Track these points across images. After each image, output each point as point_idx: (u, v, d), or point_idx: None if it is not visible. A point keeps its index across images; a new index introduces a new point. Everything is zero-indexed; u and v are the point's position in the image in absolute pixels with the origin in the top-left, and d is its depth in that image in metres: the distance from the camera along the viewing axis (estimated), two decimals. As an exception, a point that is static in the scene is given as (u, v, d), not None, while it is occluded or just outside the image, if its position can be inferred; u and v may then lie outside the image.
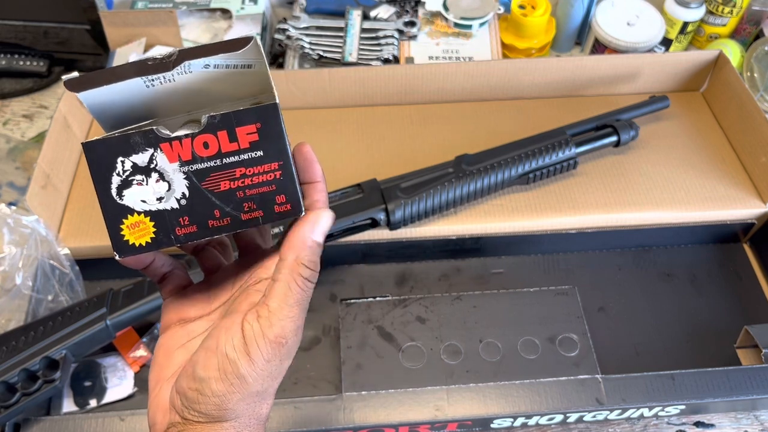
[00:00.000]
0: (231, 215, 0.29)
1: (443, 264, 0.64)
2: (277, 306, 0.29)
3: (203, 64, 0.28)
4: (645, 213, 0.62)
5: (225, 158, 0.28)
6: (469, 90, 0.72)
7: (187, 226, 0.29)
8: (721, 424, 0.56)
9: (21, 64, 0.81)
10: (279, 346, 0.28)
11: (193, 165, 0.28)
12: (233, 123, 0.28)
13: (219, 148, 0.28)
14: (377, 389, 0.51)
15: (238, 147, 0.28)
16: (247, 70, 0.29)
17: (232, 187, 0.29)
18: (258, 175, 0.29)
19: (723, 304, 0.62)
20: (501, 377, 0.52)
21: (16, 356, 0.50)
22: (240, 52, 0.28)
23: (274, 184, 0.29)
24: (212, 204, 0.29)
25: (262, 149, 0.29)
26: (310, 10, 0.82)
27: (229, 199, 0.29)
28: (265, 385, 0.29)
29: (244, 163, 0.28)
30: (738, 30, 0.83)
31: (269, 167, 0.29)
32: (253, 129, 0.28)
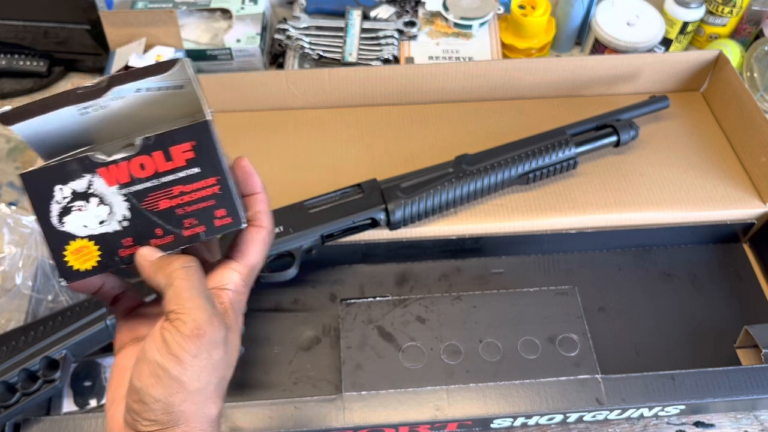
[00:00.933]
0: (173, 232, 0.30)
1: (443, 264, 0.64)
2: (179, 304, 0.29)
3: (134, 89, 0.29)
4: (645, 213, 0.63)
5: (162, 177, 0.29)
6: (469, 90, 0.72)
7: (131, 247, 0.30)
8: (720, 424, 0.56)
9: (21, 64, 0.81)
10: (198, 338, 0.29)
11: (132, 187, 0.29)
12: (168, 143, 0.29)
13: (156, 169, 0.29)
14: (377, 389, 0.51)
15: (175, 166, 0.29)
16: (180, 91, 0.30)
17: (172, 205, 0.30)
18: (196, 191, 0.30)
19: (723, 304, 0.62)
20: (501, 377, 0.52)
21: (16, 356, 0.50)
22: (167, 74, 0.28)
23: (213, 199, 0.30)
24: (154, 223, 0.30)
25: (198, 166, 0.29)
26: (310, 10, 0.82)
27: (169, 217, 0.30)
28: (204, 381, 0.29)
29: (181, 180, 0.29)
30: (738, 30, 0.83)
31: (207, 183, 0.30)
32: (188, 147, 0.29)
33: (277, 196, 0.62)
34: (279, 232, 0.56)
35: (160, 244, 0.30)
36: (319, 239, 0.57)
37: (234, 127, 0.71)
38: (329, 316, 0.60)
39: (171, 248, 0.30)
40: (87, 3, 0.74)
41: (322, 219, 0.57)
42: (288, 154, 0.68)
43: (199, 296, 0.29)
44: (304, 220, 0.57)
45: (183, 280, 0.29)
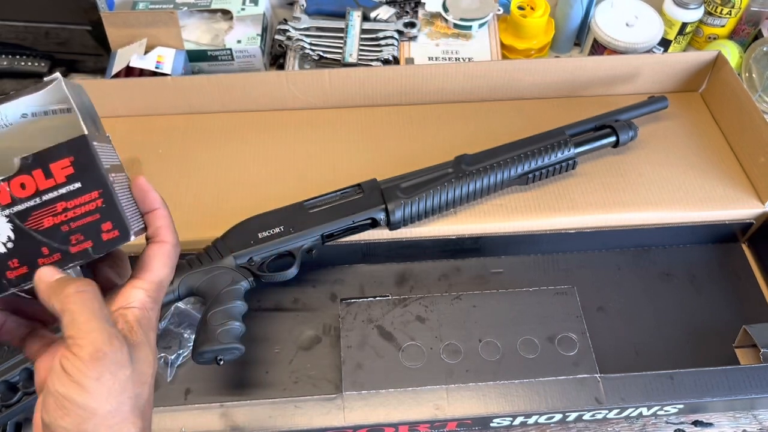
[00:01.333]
0: (60, 250, 0.30)
1: (443, 264, 0.64)
2: (75, 329, 0.28)
3: (20, 114, 0.29)
4: (644, 213, 0.63)
5: (44, 195, 0.29)
6: (468, 90, 0.73)
7: (17, 269, 0.30)
8: (719, 423, 0.56)
9: (22, 65, 0.82)
10: (97, 360, 0.28)
11: (14, 207, 0.29)
12: (46, 160, 0.28)
13: (36, 187, 0.29)
14: (377, 388, 0.52)
15: (55, 182, 0.29)
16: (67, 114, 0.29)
17: (56, 222, 0.29)
18: (80, 206, 0.29)
19: (722, 304, 0.62)
20: (500, 377, 0.52)
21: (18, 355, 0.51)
22: (43, 93, 0.28)
23: (98, 213, 0.30)
24: (39, 242, 0.29)
25: (79, 181, 0.29)
26: (311, 11, 0.83)
27: (54, 234, 0.29)
28: (114, 403, 0.28)
29: (63, 197, 0.29)
30: (736, 31, 0.84)
31: (90, 197, 0.29)
32: (67, 163, 0.29)
33: (278, 196, 0.62)
34: (279, 232, 0.56)
35: (48, 262, 0.30)
36: (319, 239, 0.57)
37: (234, 127, 0.71)
38: (329, 315, 0.61)
39: (61, 266, 0.30)
40: (88, 4, 0.75)
41: (322, 219, 0.57)
42: (288, 154, 0.68)
43: (95, 319, 0.28)
44: (304, 220, 0.57)
45: (77, 304, 0.28)
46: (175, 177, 0.66)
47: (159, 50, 0.76)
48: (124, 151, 0.68)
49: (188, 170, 0.67)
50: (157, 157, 0.68)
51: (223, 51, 0.80)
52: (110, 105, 0.71)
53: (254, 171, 0.67)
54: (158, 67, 0.74)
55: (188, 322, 0.59)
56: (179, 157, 0.68)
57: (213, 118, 0.72)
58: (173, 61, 0.76)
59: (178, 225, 0.61)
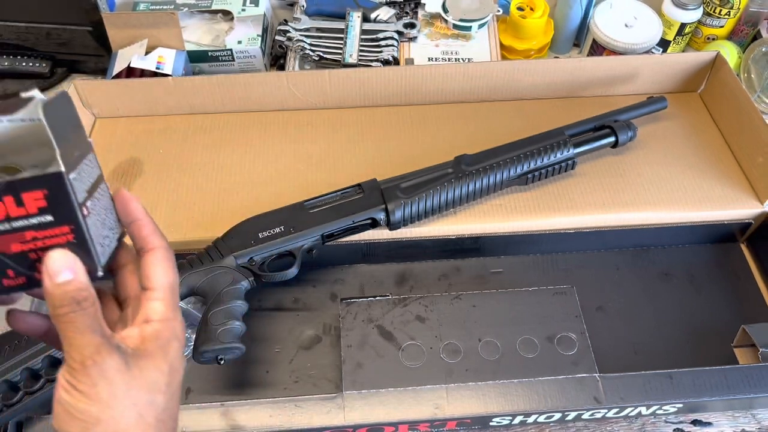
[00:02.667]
0: (26, 275, 0.30)
1: (443, 264, 0.65)
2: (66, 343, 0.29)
3: None
4: (643, 213, 0.63)
5: (14, 222, 0.29)
6: (468, 91, 0.73)
7: None
8: (718, 423, 0.56)
9: (24, 66, 0.82)
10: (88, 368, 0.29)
11: None
12: (18, 189, 0.28)
13: (7, 213, 0.28)
14: (377, 388, 0.52)
15: (27, 212, 0.28)
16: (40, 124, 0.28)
17: (24, 249, 0.29)
18: (49, 238, 0.29)
19: (720, 304, 0.62)
20: (500, 376, 0.52)
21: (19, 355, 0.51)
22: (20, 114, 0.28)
23: (68, 247, 0.29)
24: (5, 264, 0.29)
25: (51, 214, 0.29)
26: (311, 12, 0.83)
27: (22, 259, 0.29)
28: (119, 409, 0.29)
29: (33, 227, 0.29)
30: (735, 31, 0.84)
31: (60, 231, 0.29)
32: (40, 195, 0.28)
33: (278, 196, 0.62)
34: (279, 232, 0.56)
35: (12, 285, 0.30)
36: (319, 239, 0.57)
37: (235, 127, 0.71)
38: (330, 315, 0.61)
39: (24, 289, 0.30)
40: (89, 4, 0.75)
41: (322, 219, 0.57)
42: (289, 154, 0.68)
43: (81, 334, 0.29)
44: (305, 220, 0.57)
45: (67, 324, 0.29)
46: (175, 177, 0.66)
47: (160, 51, 0.76)
48: (124, 151, 0.69)
49: (188, 170, 0.67)
50: (158, 157, 0.68)
51: (223, 51, 0.80)
52: (111, 105, 0.71)
53: (254, 171, 0.67)
54: (159, 68, 0.75)
55: (189, 322, 0.59)
56: (179, 157, 0.68)
57: (213, 119, 0.72)
58: (174, 61, 0.76)
59: (178, 225, 0.62)
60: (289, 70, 0.80)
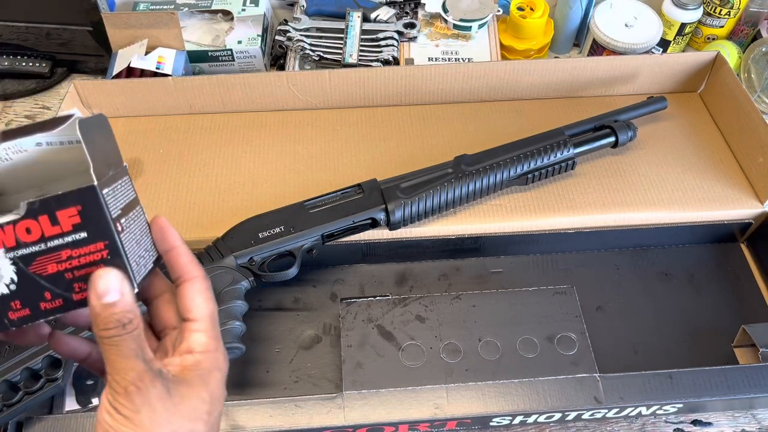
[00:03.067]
0: (63, 296, 0.30)
1: (443, 264, 0.65)
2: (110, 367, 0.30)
3: (35, 142, 0.29)
4: (643, 213, 0.63)
5: (49, 242, 0.29)
6: (468, 91, 0.73)
7: (19, 310, 0.29)
8: (718, 423, 0.56)
9: (24, 66, 0.82)
10: (131, 394, 0.29)
11: (18, 251, 0.28)
12: (53, 207, 0.28)
13: (42, 233, 0.28)
14: (377, 388, 0.52)
15: (61, 230, 0.28)
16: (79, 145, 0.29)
17: (60, 270, 0.29)
18: (84, 255, 0.29)
19: (720, 304, 0.62)
20: (500, 376, 0.52)
21: (19, 355, 0.51)
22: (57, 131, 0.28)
23: (103, 263, 0.29)
24: (42, 287, 0.29)
25: (85, 230, 0.29)
26: (311, 12, 0.83)
27: (58, 281, 0.29)
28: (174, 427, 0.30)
29: (68, 245, 0.29)
30: (735, 31, 0.84)
31: (95, 247, 0.29)
32: (74, 212, 0.28)
33: (278, 196, 0.62)
34: (279, 232, 0.56)
35: (50, 308, 0.30)
36: (319, 239, 0.57)
37: (235, 127, 0.71)
38: (330, 315, 0.61)
39: (61, 312, 0.30)
40: (89, 4, 0.75)
41: (322, 219, 0.57)
42: (289, 154, 0.68)
43: (125, 359, 0.29)
44: (305, 219, 0.57)
45: (112, 347, 0.30)
46: (175, 177, 0.66)
47: (160, 51, 0.76)
48: (125, 151, 0.69)
49: (188, 170, 0.67)
50: (158, 157, 0.68)
51: (223, 52, 0.80)
52: (111, 105, 0.71)
53: (255, 171, 0.67)
54: (159, 68, 0.75)
55: (189, 322, 0.59)
56: (180, 157, 0.68)
57: (213, 119, 0.72)
58: (174, 61, 0.76)
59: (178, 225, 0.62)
60: (289, 70, 0.80)
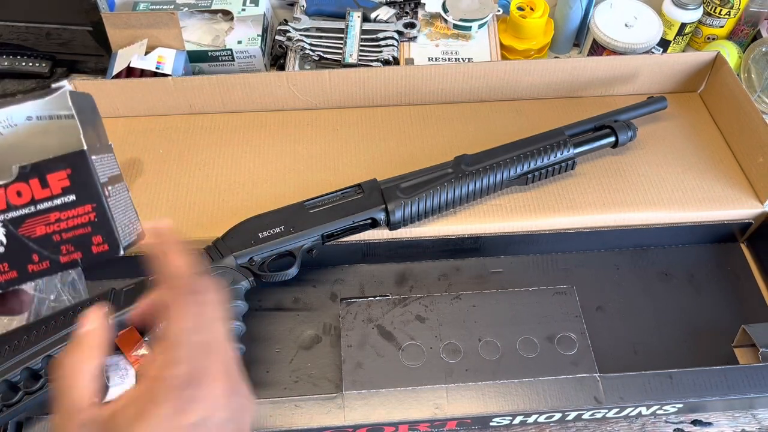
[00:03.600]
0: (50, 258, 0.31)
1: (443, 264, 0.65)
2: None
3: (25, 116, 0.30)
4: (643, 213, 0.63)
5: (38, 204, 0.30)
6: (468, 91, 0.73)
7: (7, 272, 0.30)
8: (718, 423, 0.56)
9: (23, 65, 0.82)
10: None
11: (8, 213, 0.30)
12: (44, 171, 0.29)
13: (32, 196, 0.30)
14: (377, 388, 0.52)
15: (51, 193, 0.30)
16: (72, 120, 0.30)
17: (48, 232, 0.30)
18: (73, 218, 0.30)
19: (720, 304, 0.62)
20: (500, 376, 0.52)
21: (19, 355, 0.51)
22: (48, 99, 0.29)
23: (90, 226, 0.31)
24: (30, 249, 0.30)
25: (74, 194, 0.30)
26: (311, 12, 0.83)
27: (46, 243, 0.30)
28: None
29: (57, 207, 0.30)
30: (735, 31, 0.84)
31: (83, 210, 0.30)
32: (64, 175, 0.30)
33: (278, 196, 0.62)
34: (279, 232, 0.56)
35: (37, 270, 0.31)
36: (319, 239, 0.57)
37: (235, 127, 0.71)
38: (330, 315, 0.61)
39: (48, 274, 0.31)
40: (89, 4, 0.75)
41: (322, 219, 0.57)
42: (289, 154, 0.68)
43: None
44: (305, 219, 0.57)
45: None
46: (175, 177, 0.66)
47: (159, 51, 0.76)
48: (124, 151, 0.69)
49: (188, 170, 0.67)
50: (158, 157, 0.68)
51: (223, 51, 0.80)
52: (111, 105, 0.71)
53: (254, 171, 0.67)
54: (159, 68, 0.75)
55: (189, 322, 0.59)
56: (179, 157, 0.68)
57: (213, 119, 0.72)
58: (174, 61, 0.76)
59: (178, 225, 0.62)
60: (289, 70, 0.80)
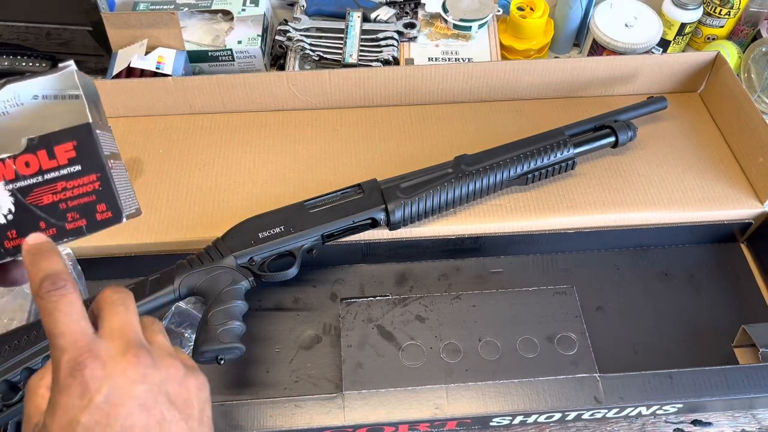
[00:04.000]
0: (56, 225, 0.33)
1: (443, 264, 0.65)
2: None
3: (32, 95, 0.32)
4: (643, 213, 0.63)
5: (46, 174, 0.32)
6: (468, 91, 0.73)
7: (15, 239, 0.32)
8: (718, 423, 0.56)
9: (24, 66, 0.82)
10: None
11: (17, 183, 0.32)
12: (51, 142, 0.31)
13: (40, 166, 0.32)
14: (377, 388, 0.52)
15: (57, 164, 0.32)
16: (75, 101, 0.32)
17: (55, 200, 0.32)
18: (78, 187, 0.33)
19: (720, 304, 0.62)
20: (500, 376, 0.52)
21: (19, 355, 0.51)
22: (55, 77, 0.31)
23: (94, 195, 0.33)
24: (37, 216, 0.32)
25: (79, 164, 0.32)
26: (311, 12, 0.83)
27: (53, 211, 0.33)
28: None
29: (64, 177, 0.32)
30: (735, 31, 0.84)
31: (88, 179, 0.33)
32: (70, 147, 0.32)
33: (278, 196, 0.62)
34: (279, 232, 0.56)
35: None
36: (319, 239, 0.57)
37: (235, 127, 0.71)
38: (330, 315, 0.61)
39: (55, 240, 0.33)
40: (89, 4, 0.75)
41: (322, 219, 0.57)
42: (289, 154, 0.68)
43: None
44: (305, 219, 0.57)
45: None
46: (175, 177, 0.66)
47: (160, 51, 0.76)
48: (125, 151, 0.69)
49: (188, 170, 0.67)
50: (158, 157, 0.68)
51: (223, 52, 0.80)
52: (111, 105, 0.71)
53: (254, 171, 0.67)
54: (159, 68, 0.75)
55: (189, 322, 0.59)
56: (179, 157, 0.68)
57: (213, 119, 0.72)
58: (174, 61, 0.76)
59: (178, 225, 0.62)
60: (289, 70, 0.80)
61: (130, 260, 0.61)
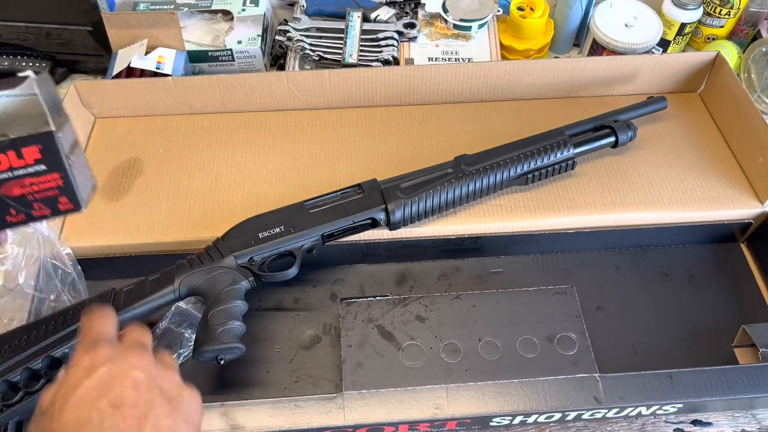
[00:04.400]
0: (25, 213, 0.39)
1: (443, 264, 0.65)
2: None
3: None
4: (643, 213, 0.63)
5: (15, 171, 0.37)
6: (468, 91, 0.73)
7: None
8: (718, 423, 0.56)
9: (23, 65, 0.82)
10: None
11: None
12: (19, 145, 0.37)
13: (10, 164, 0.37)
14: (377, 388, 0.52)
15: (25, 163, 0.37)
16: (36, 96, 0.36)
17: (24, 192, 0.38)
18: (43, 182, 0.38)
19: (720, 304, 0.62)
20: (500, 376, 0.52)
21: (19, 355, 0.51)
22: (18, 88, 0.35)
23: (57, 190, 0.39)
24: (8, 205, 0.38)
25: (44, 164, 0.38)
26: (311, 12, 0.83)
27: (22, 201, 0.38)
28: None
29: (31, 174, 0.38)
30: (735, 31, 0.84)
31: (51, 177, 0.38)
32: (36, 150, 0.37)
33: (278, 196, 0.62)
34: (279, 232, 0.56)
35: (14, 221, 0.39)
36: (319, 239, 0.57)
37: (235, 127, 0.71)
38: (330, 315, 0.61)
39: (23, 224, 0.39)
40: (89, 4, 0.75)
41: (322, 219, 0.57)
42: (289, 154, 0.68)
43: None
44: (305, 219, 0.57)
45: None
46: (175, 177, 0.66)
47: (160, 51, 0.76)
48: (124, 151, 0.69)
49: (188, 170, 0.67)
50: (158, 157, 0.68)
51: (223, 51, 0.80)
52: (111, 105, 0.71)
53: (254, 171, 0.67)
54: (159, 68, 0.75)
55: (189, 322, 0.59)
56: (179, 157, 0.68)
57: (213, 119, 0.72)
58: (174, 61, 0.76)
59: (178, 225, 0.62)
60: (289, 70, 0.80)
61: (130, 260, 0.61)
